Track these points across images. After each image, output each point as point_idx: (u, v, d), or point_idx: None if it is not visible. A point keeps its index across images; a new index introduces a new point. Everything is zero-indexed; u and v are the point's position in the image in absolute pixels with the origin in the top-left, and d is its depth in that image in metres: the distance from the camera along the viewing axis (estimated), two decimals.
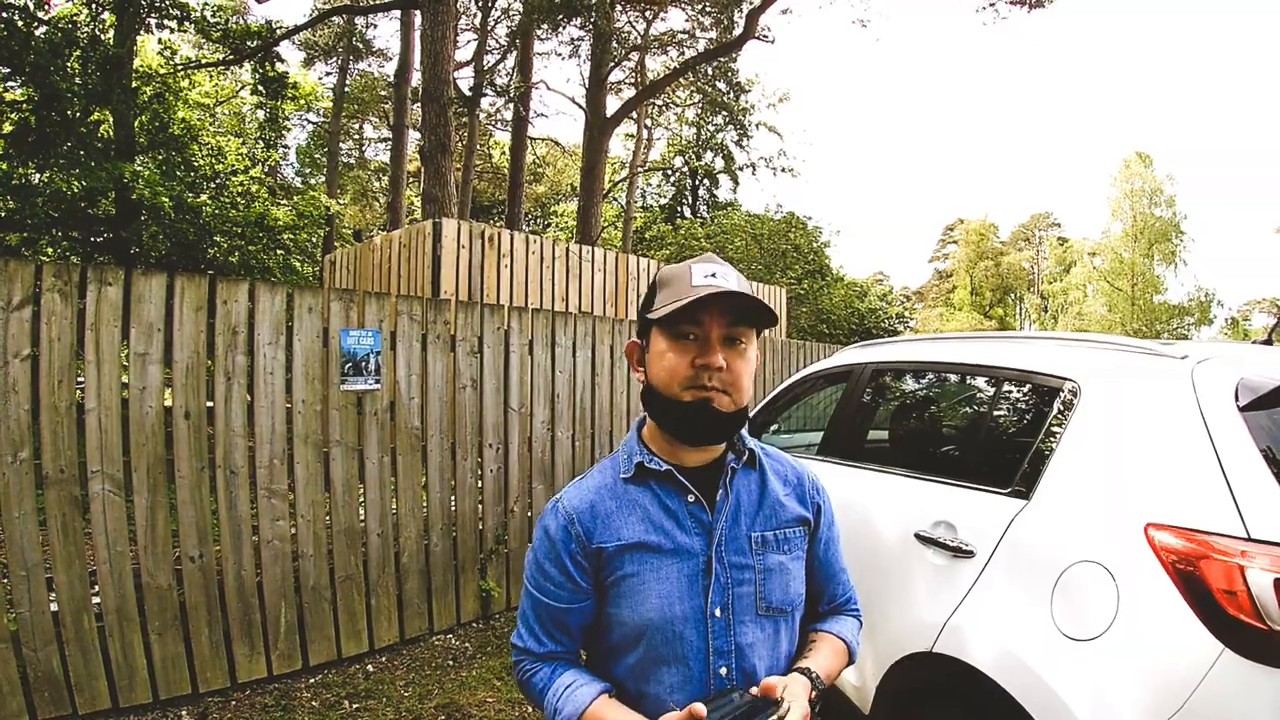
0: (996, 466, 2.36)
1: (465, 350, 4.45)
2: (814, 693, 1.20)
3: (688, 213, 30.60)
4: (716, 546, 1.22)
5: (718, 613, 1.21)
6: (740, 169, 27.00)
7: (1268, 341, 2.65)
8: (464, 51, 19.91)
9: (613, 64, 17.52)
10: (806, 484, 1.38)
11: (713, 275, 1.19)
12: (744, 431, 1.31)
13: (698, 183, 30.90)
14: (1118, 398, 2.08)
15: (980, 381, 2.76)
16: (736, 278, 1.22)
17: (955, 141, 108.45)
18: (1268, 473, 1.67)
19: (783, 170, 25.46)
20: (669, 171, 30.93)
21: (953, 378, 2.99)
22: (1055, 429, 2.19)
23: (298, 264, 10.40)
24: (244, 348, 3.44)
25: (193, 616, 3.28)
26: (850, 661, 1.38)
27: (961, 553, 2.24)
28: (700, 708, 1.07)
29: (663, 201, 32.29)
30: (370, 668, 3.80)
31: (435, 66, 8.99)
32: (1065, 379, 2.25)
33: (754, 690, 1.15)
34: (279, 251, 9.59)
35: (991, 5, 14.42)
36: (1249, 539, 1.57)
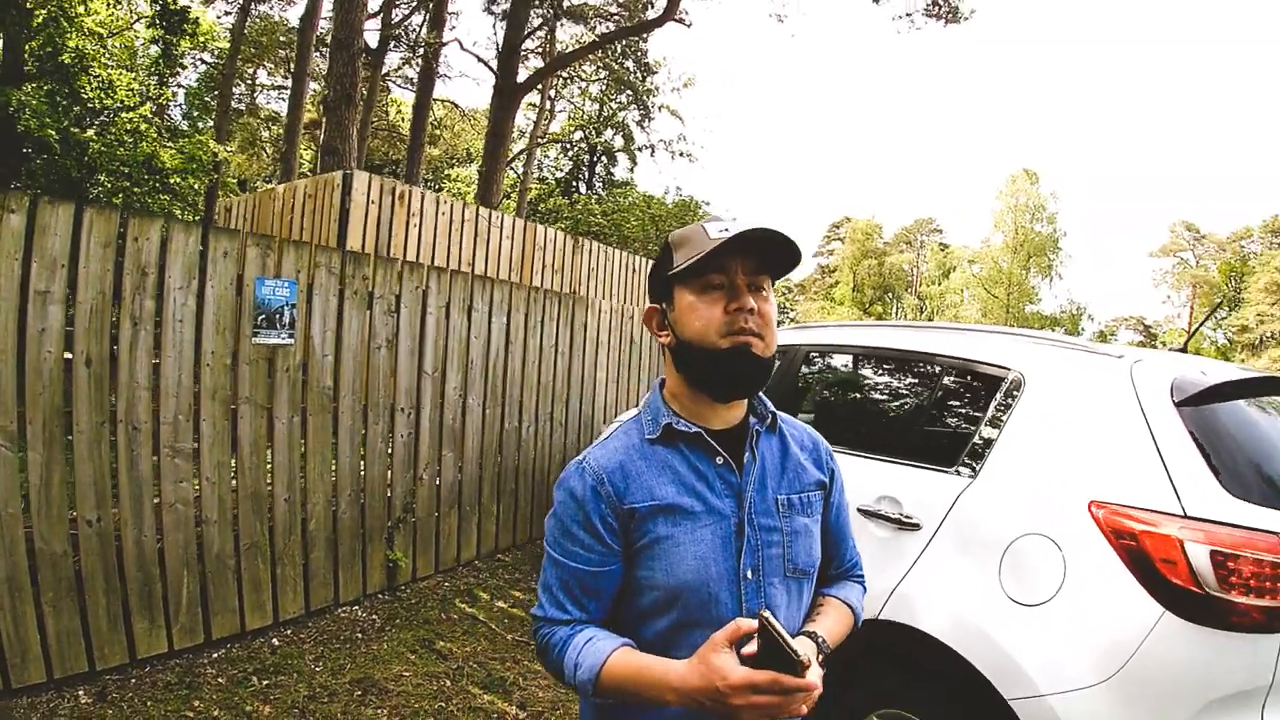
0: (939, 447, 2.53)
1: (382, 309, 4.25)
2: (820, 656, 1.20)
3: (583, 188, 30.28)
4: (748, 509, 1.22)
5: (749, 574, 1.20)
6: (639, 149, 26.99)
7: (1183, 350, 3.02)
8: (373, 2, 18.93)
9: (531, 29, 17.12)
10: (822, 449, 1.40)
11: (726, 230, 1.18)
12: (762, 394, 1.31)
13: (595, 159, 30.61)
14: (1061, 388, 2.29)
15: (921, 367, 2.88)
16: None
17: (848, 141, 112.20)
18: (1201, 460, 1.92)
19: (681, 154, 25.69)
20: (568, 145, 30.53)
21: (890, 363, 3.09)
22: (1000, 414, 2.37)
23: (179, 211, 9.61)
24: (153, 291, 3.15)
25: (89, 587, 2.99)
26: (856, 627, 1.39)
27: (906, 525, 2.39)
28: (768, 614, 0.99)
29: (559, 174, 31.82)
30: (276, 641, 3.60)
31: (348, 13, 8.52)
32: (1009, 369, 2.44)
33: None
34: (164, 196, 8.83)
35: (908, 15, 14.87)
36: (1185, 516, 1.82)
